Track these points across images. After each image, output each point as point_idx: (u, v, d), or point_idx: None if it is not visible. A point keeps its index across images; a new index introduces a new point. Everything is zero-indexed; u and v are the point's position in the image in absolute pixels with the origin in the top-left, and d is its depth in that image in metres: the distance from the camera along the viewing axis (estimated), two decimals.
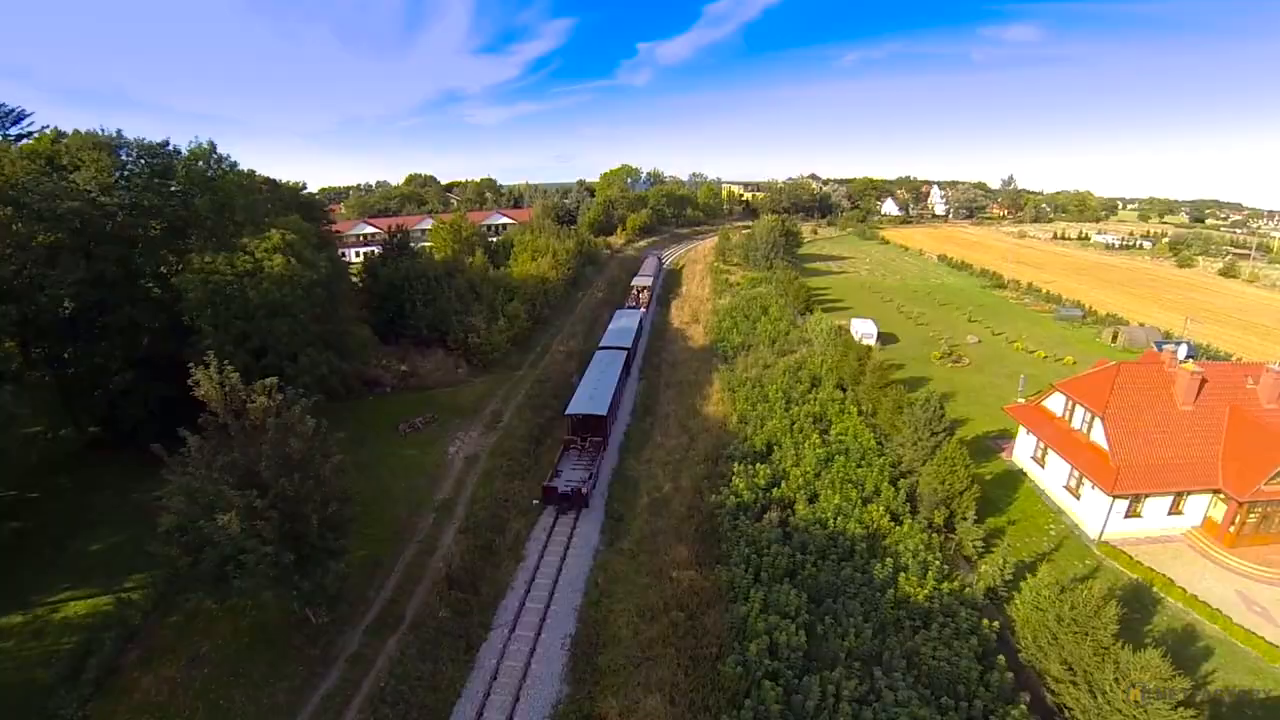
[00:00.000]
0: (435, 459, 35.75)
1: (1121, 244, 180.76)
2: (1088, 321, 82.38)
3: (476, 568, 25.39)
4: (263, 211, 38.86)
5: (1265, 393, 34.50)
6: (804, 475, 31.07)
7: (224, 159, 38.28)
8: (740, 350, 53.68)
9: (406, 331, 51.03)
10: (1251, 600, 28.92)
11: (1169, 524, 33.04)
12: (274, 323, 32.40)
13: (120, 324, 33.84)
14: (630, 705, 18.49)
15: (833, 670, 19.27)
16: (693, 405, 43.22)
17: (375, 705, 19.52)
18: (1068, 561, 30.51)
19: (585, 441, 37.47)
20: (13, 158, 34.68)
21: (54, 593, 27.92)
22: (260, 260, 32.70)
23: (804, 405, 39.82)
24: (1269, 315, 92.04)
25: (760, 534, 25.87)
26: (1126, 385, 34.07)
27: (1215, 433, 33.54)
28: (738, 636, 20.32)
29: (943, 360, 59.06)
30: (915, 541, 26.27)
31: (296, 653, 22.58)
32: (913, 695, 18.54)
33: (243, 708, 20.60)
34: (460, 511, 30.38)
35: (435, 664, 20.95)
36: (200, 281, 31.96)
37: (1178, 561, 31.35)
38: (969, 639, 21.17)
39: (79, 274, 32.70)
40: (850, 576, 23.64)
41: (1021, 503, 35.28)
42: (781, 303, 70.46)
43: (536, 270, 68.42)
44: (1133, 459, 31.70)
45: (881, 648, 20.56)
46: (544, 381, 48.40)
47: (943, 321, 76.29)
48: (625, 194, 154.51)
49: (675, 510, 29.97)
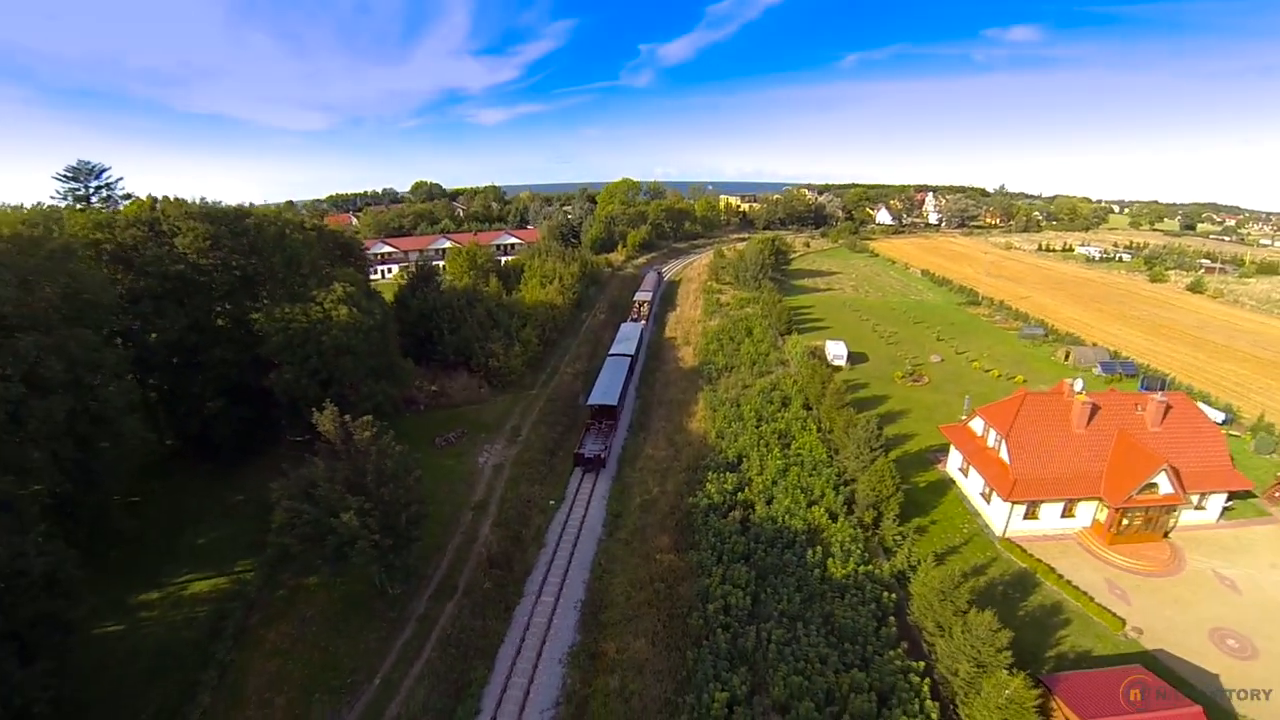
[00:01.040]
0: (468, 468, 43.89)
1: (1102, 256, 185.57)
2: (1049, 339, 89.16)
3: (509, 552, 33.60)
4: (322, 264, 46.88)
5: (1150, 419, 42.52)
6: (764, 482, 39.07)
7: (291, 223, 46.34)
8: (724, 371, 61.60)
9: (435, 356, 59.06)
10: (1115, 585, 36.81)
11: (1063, 525, 40.87)
12: (340, 360, 40.47)
13: (213, 361, 41.86)
14: (623, 646, 26.54)
15: (768, 624, 27.20)
16: (679, 422, 51.30)
17: (443, 647, 27.62)
18: (973, 553, 38.38)
19: (601, 423, 50.93)
20: (123, 224, 42.76)
21: (178, 575, 36.05)
22: (328, 310, 40.69)
23: (772, 423, 47.78)
24: (1223, 332, 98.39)
25: (725, 528, 33.89)
26: (1030, 411, 42.02)
27: (1104, 451, 41.37)
28: (702, 600, 28.32)
29: (904, 379, 66.70)
30: (844, 535, 34.23)
31: (378, 615, 30.64)
32: (821, 641, 26.45)
33: (345, 652, 28.63)
34: (493, 510, 38.56)
35: (483, 620, 29.11)
36: (280, 328, 39.99)
37: (1065, 555, 39.19)
38: (871, 605, 29.06)
39: (181, 321, 40.82)
40: (789, 560, 31.59)
41: (946, 506, 43.17)
42: (765, 324, 78.34)
43: (545, 297, 76.54)
44: (1029, 472, 39.61)
45: (806, 610, 28.47)
46: (555, 400, 56.50)
47: (912, 340, 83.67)
48: (626, 210, 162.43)
49: (660, 509, 38.14)
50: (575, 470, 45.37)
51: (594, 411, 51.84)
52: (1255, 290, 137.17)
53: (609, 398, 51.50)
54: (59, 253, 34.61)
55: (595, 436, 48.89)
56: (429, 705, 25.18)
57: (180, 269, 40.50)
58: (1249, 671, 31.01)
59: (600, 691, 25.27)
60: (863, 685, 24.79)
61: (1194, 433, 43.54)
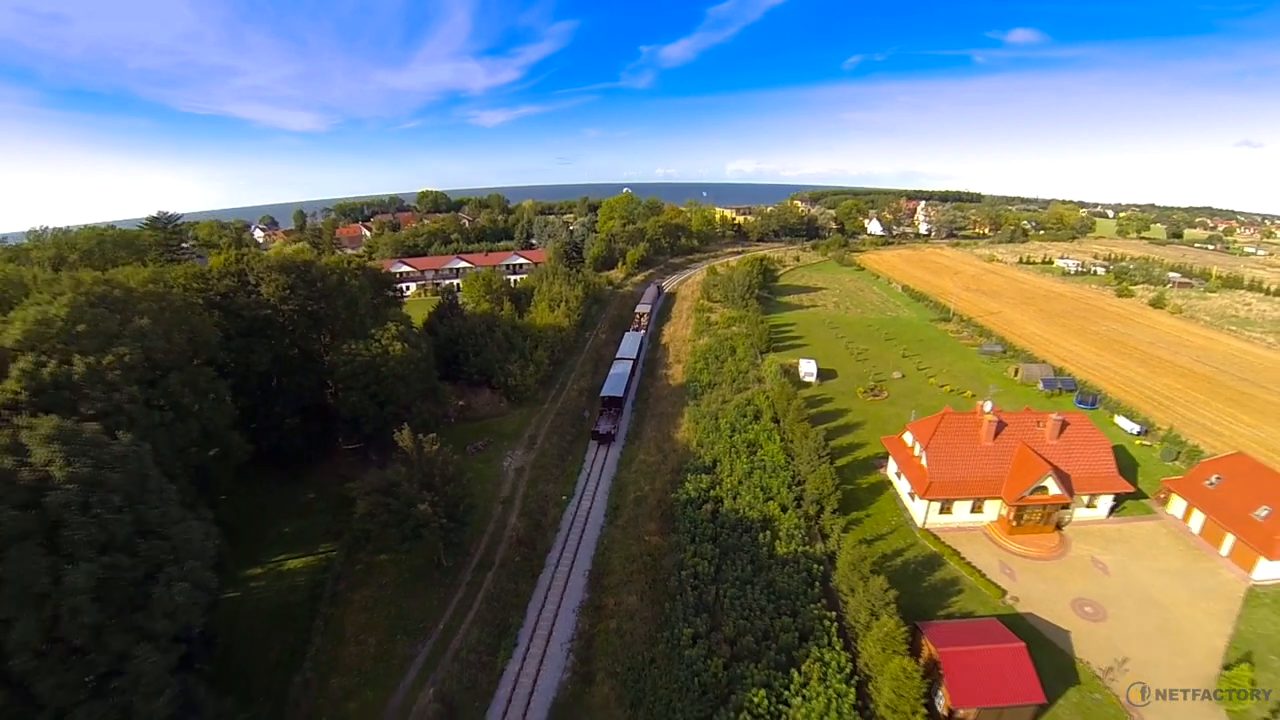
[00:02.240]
0: (496, 470, 54.21)
1: (1078, 270, 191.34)
2: (1006, 356, 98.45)
3: (532, 535, 43.99)
4: (375, 303, 57.24)
5: (1048, 434, 52.59)
6: (732, 482, 49.28)
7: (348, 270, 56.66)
8: (708, 388, 71.76)
9: (462, 376, 69.35)
10: (1006, 566, 46.73)
11: (973, 519, 50.84)
12: (396, 385, 50.75)
13: (290, 385, 52.14)
14: (619, 601, 36.80)
15: (725, 585, 37.36)
16: (667, 432, 61.60)
17: (487, 603, 37.97)
18: (897, 539, 48.42)
19: (610, 410, 66.65)
20: (217, 275, 53.11)
21: (274, 556, 46.31)
22: (385, 345, 50.95)
23: (744, 434, 57.97)
24: (1172, 348, 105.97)
25: (699, 517, 44.10)
26: (947, 427, 52.14)
27: (1006, 460, 51.34)
28: (678, 569, 38.53)
29: (865, 395, 76.66)
30: (791, 523, 44.40)
31: (437, 582, 40.87)
32: (763, 597, 36.61)
33: (415, 608, 38.84)
34: (517, 503, 48.93)
35: (516, 583, 39.48)
36: (347, 360, 50.30)
37: (971, 543, 49.14)
38: (804, 574, 39.17)
39: (267, 355, 51.12)
40: (746, 541, 41.77)
41: (881, 503, 53.24)
42: (747, 343, 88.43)
43: (554, 320, 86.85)
44: (942, 476, 49.68)
45: (754, 576, 38.61)
46: (563, 414, 66.85)
47: (880, 357, 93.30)
48: (625, 227, 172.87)
49: (650, 503, 48.46)
50: (582, 469, 56.93)
51: (605, 401, 67.70)
52: (1213, 306, 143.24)
53: (616, 391, 68.35)
54: (182, 307, 44.87)
55: (606, 419, 64.91)
56: (480, 642, 35.45)
57: (266, 313, 50.85)
58: (1095, 630, 41.00)
59: (603, 631, 35.58)
60: (790, 627, 34.97)
61: (1086, 445, 53.58)
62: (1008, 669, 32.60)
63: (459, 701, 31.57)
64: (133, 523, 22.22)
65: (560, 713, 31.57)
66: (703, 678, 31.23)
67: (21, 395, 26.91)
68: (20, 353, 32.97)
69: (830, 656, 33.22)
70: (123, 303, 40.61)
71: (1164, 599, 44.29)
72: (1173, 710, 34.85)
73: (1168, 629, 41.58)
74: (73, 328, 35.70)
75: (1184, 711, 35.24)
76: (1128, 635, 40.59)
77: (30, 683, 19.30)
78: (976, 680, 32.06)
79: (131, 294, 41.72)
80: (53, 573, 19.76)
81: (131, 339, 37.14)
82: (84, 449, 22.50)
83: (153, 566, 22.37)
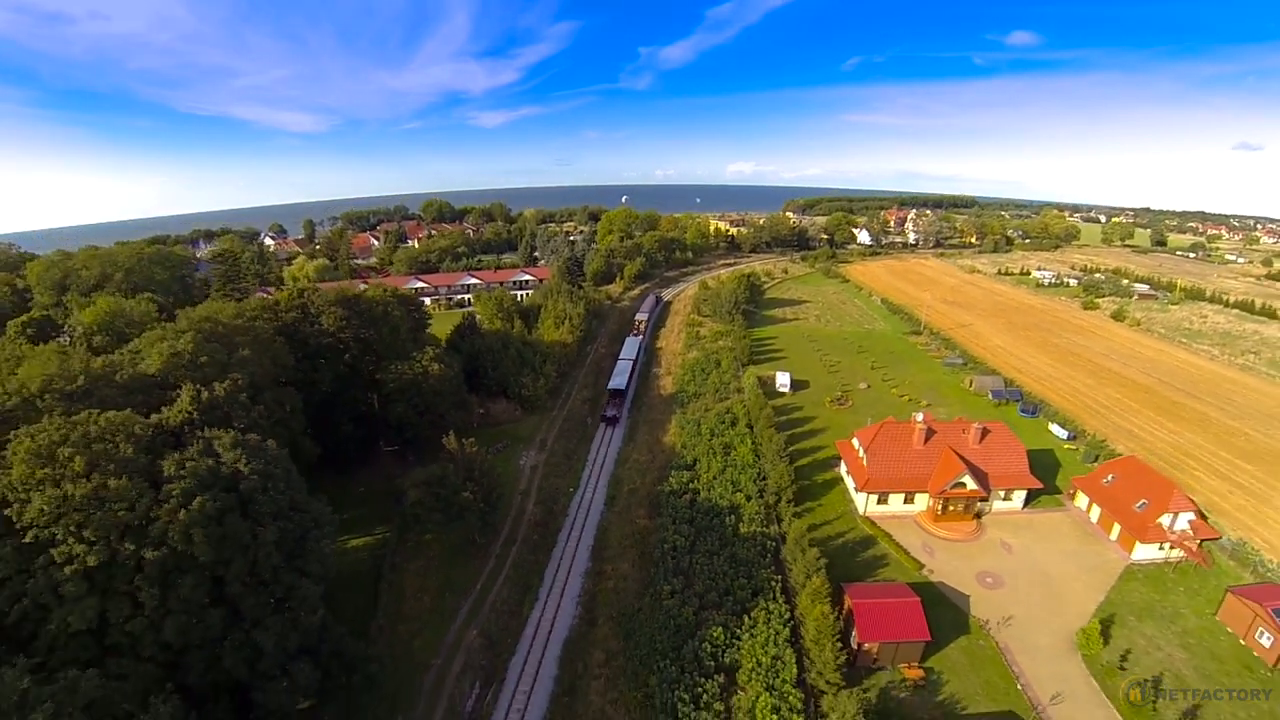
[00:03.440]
0: (514, 468, 65.58)
1: (1051, 282, 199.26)
2: (966, 368, 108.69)
3: (546, 518, 55.47)
4: (411, 326, 68.59)
5: (971, 439, 63.71)
6: (708, 477, 60.61)
7: (389, 301, 67.99)
8: (694, 397, 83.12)
9: (482, 387, 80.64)
10: (928, 546, 57.82)
11: (906, 509, 61.91)
12: (433, 398, 62.03)
13: (346, 399, 63.34)
14: (615, 568, 48.39)
15: (697, 555, 48.70)
16: (657, 436, 73.00)
17: (514, 569, 49.44)
18: (841, 525, 59.53)
19: (616, 398, 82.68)
20: (284, 308, 64.30)
21: (339, 537, 57.34)
22: (425, 366, 62.22)
23: (721, 437, 69.28)
24: (1122, 359, 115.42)
25: (679, 505, 55.41)
26: (886, 433, 63.38)
27: (934, 461, 62.47)
28: (661, 543, 49.87)
29: (832, 404, 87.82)
30: (753, 509, 55.69)
31: (473, 555, 52.15)
32: (726, 564, 47.90)
33: (457, 574, 50.14)
34: (533, 494, 60.40)
35: (535, 555, 50.89)
36: (395, 378, 61.61)
37: (902, 528, 60.17)
38: (759, 548, 50.42)
39: (329, 374, 62.36)
40: (716, 523, 53.08)
41: (832, 496, 64.43)
42: (731, 356, 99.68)
43: (559, 336, 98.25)
44: (878, 473, 60.86)
45: (720, 549, 49.89)
46: (569, 420, 78.22)
47: (851, 369, 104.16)
48: (623, 243, 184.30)
49: (640, 493, 59.89)
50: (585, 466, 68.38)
51: (611, 392, 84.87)
52: (1171, 318, 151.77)
53: (620, 385, 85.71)
54: (267, 339, 56.14)
55: (612, 406, 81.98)
56: (510, 597, 46.83)
57: (327, 340, 62.12)
58: (991, 595, 51.89)
59: (603, 589, 47.02)
60: (745, 586, 46.25)
61: (1003, 449, 64.68)
62: (904, 616, 43.81)
63: (496, 637, 42.93)
64: (289, 501, 33.33)
65: (572, 645, 42.97)
66: (677, 620, 42.51)
67: (194, 414, 37.98)
68: (159, 378, 44.28)
69: (774, 607, 44.47)
70: (225, 337, 51.89)
71: (1054, 573, 55.08)
72: (1038, 653, 45.69)
73: (1051, 595, 52.34)
74: (197, 359, 47.02)
75: (1047, 654, 46.14)
76: (1017, 600, 51.35)
77: (239, 602, 30.44)
78: (879, 623, 43.26)
79: (230, 329, 53.00)
80: (250, 532, 30.88)
81: (239, 366, 48.40)
82: (254, 452, 33.64)
83: (303, 529, 33.46)
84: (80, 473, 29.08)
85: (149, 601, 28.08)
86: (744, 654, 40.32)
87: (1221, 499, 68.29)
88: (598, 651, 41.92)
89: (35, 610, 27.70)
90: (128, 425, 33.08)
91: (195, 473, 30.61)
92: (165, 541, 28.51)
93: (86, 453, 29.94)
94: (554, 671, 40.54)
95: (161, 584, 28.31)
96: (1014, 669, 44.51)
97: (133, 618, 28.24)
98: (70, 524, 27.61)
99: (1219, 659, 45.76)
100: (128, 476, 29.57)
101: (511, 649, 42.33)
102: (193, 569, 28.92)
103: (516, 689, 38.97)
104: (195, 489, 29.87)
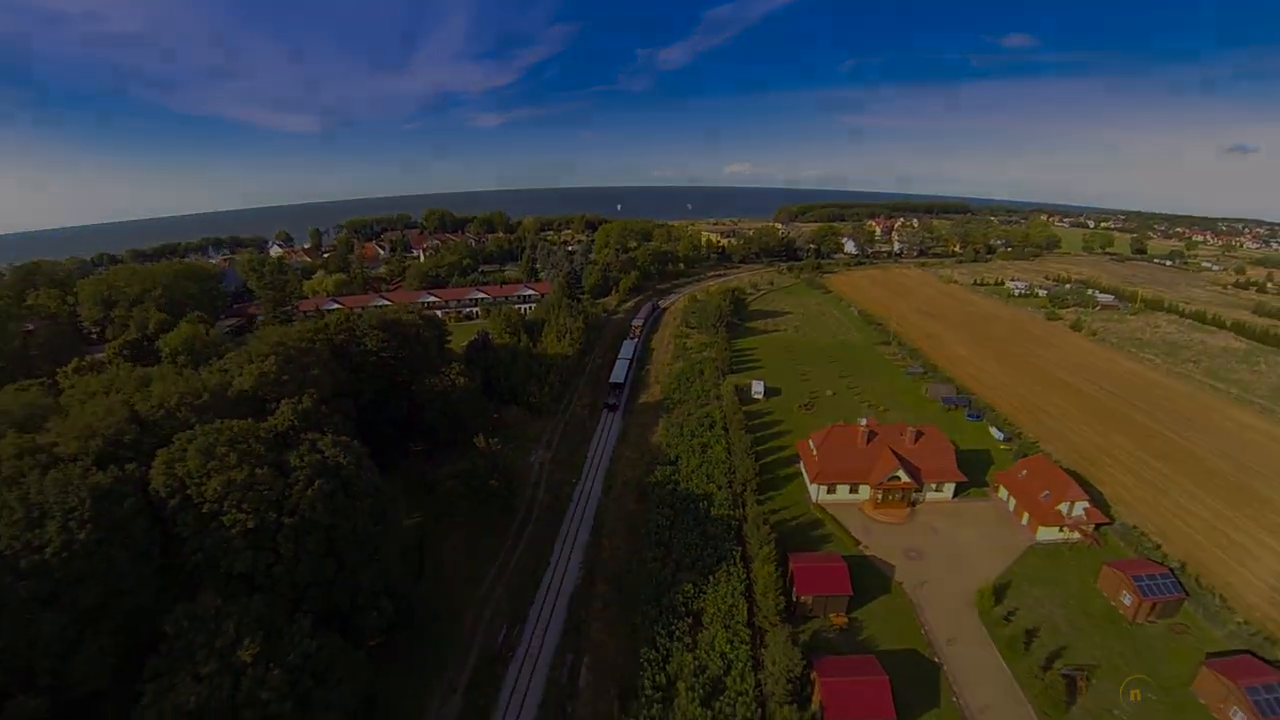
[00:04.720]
0: (526, 464, 78.56)
1: (1022, 292, 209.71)
2: (926, 376, 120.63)
3: (553, 505, 68.71)
4: (437, 343, 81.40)
5: (908, 440, 76.69)
6: (687, 471, 73.60)
7: (418, 323, 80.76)
8: (679, 404, 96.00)
9: (495, 395, 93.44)
10: (867, 528, 70.48)
11: (851, 497, 74.73)
12: (460, 406, 74.81)
13: (388, 408, 75.99)
14: (611, 541, 61.63)
15: (676, 531, 61.60)
16: (645, 438, 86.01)
17: (530, 544, 62.70)
18: (796, 510, 72.37)
19: (616, 390, 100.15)
20: (333, 330, 76.94)
21: None
22: (453, 379, 74.96)
23: (700, 438, 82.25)
24: (1071, 368, 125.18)
25: (662, 493, 68.38)
26: (834, 434, 76.39)
27: (876, 458, 75.39)
28: (647, 521, 62.82)
29: (800, 408, 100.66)
30: (722, 496, 68.67)
31: (496, 533, 65.00)
32: (699, 538, 60.82)
33: (483, 547, 63.03)
34: (542, 485, 73.41)
35: (546, 532, 64.22)
36: (428, 389, 74.37)
37: (847, 513, 72.93)
38: (726, 526, 63.32)
39: (373, 387, 75.02)
40: (692, 507, 66.00)
41: (791, 486, 77.28)
42: (714, 366, 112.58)
43: (561, 349, 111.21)
44: (827, 467, 73.78)
45: (695, 527, 62.81)
46: (571, 423, 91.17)
47: (821, 377, 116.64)
48: (619, 257, 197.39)
49: (631, 485, 73.01)
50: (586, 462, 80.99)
51: (612, 385, 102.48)
52: (1126, 329, 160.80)
53: (620, 378, 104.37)
54: (327, 359, 68.84)
55: (613, 396, 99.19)
56: (528, 564, 59.91)
57: (371, 358, 74.88)
58: (913, 565, 64.23)
59: (601, 557, 60.35)
60: (713, 555, 59.17)
61: (935, 447, 77.49)
62: (832, 575, 56.69)
63: (518, 591, 55.98)
64: (372, 485, 46.07)
65: (577, 597, 56.08)
66: (658, 578, 55.43)
67: (295, 421, 50.68)
68: (251, 393, 57.07)
69: (734, 570, 57.41)
70: (295, 358, 64.59)
71: (969, 549, 67.47)
72: (943, 608, 58.14)
73: (962, 566, 64.74)
74: (281, 377, 59.75)
75: (950, 609, 58.67)
76: (933, 569, 63.78)
77: (344, 555, 43.27)
78: (813, 581, 56.16)
79: (298, 350, 65.69)
80: (351, 506, 43.65)
81: (312, 383, 61.13)
82: (346, 449, 46.39)
83: (383, 505, 46.21)
84: (234, 464, 41.82)
85: (286, 553, 40.84)
86: (708, 602, 53.23)
87: (1126, 491, 79.98)
88: (597, 601, 54.98)
89: (206, 560, 40.45)
90: (254, 430, 45.87)
91: (311, 464, 43.41)
92: (296, 511, 41.28)
93: (235, 450, 42.69)
94: (564, 615, 53.64)
95: (295, 541, 41.05)
96: (921, 619, 57.26)
97: (274, 564, 41.00)
98: (234, 500, 40.32)
99: (1090, 615, 57.94)
100: (266, 467, 42.36)
101: (530, 599, 55.31)
102: (315, 531, 41.66)
103: (535, 627, 51.91)
104: (314, 475, 42.66)
